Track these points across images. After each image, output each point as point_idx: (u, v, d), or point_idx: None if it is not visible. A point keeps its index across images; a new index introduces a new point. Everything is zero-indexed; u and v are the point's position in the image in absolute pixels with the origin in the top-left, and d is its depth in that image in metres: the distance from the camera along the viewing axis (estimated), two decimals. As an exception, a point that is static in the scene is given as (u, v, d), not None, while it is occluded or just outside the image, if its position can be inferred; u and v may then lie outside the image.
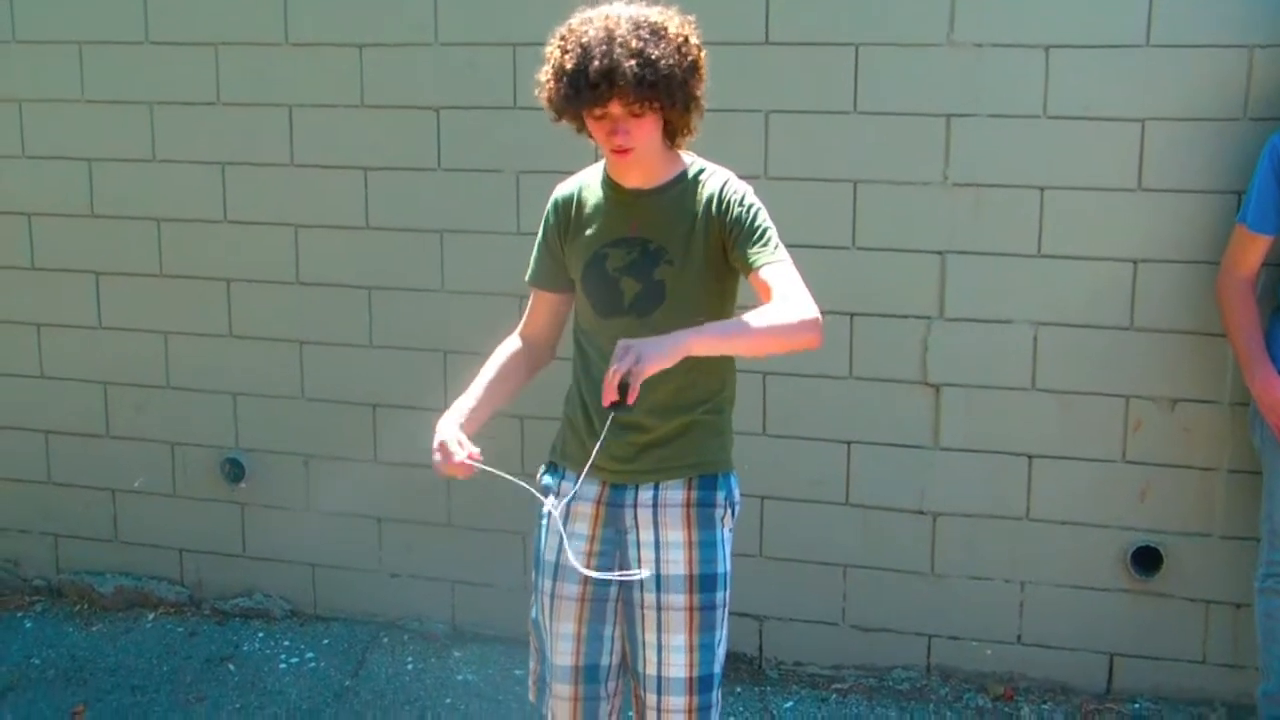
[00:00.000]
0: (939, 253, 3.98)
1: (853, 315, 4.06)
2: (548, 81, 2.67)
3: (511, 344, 3.01)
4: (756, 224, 2.73)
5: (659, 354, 2.45)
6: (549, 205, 2.93)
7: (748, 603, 4.28)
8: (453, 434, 2.75)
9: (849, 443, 4.15)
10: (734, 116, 4.05)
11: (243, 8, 4.42)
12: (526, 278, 2.99)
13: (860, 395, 4.11)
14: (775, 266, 2.69)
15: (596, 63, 2.55)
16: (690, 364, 2.64)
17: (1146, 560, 3.98)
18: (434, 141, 4.32)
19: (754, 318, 2.59)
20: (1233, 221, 3.66)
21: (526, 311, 3.02)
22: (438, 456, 2.73)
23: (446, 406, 4.37)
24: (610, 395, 2.43)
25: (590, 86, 2.57)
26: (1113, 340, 3.91)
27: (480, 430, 2.82)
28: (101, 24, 4.56)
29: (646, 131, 2.66)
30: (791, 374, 4.12)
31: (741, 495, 2.93)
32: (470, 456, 2.70)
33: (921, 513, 4.12)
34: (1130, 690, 4.07)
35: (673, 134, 2.78)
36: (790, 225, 3.99)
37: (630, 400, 2.44)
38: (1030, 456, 4.02)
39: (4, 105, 4.72)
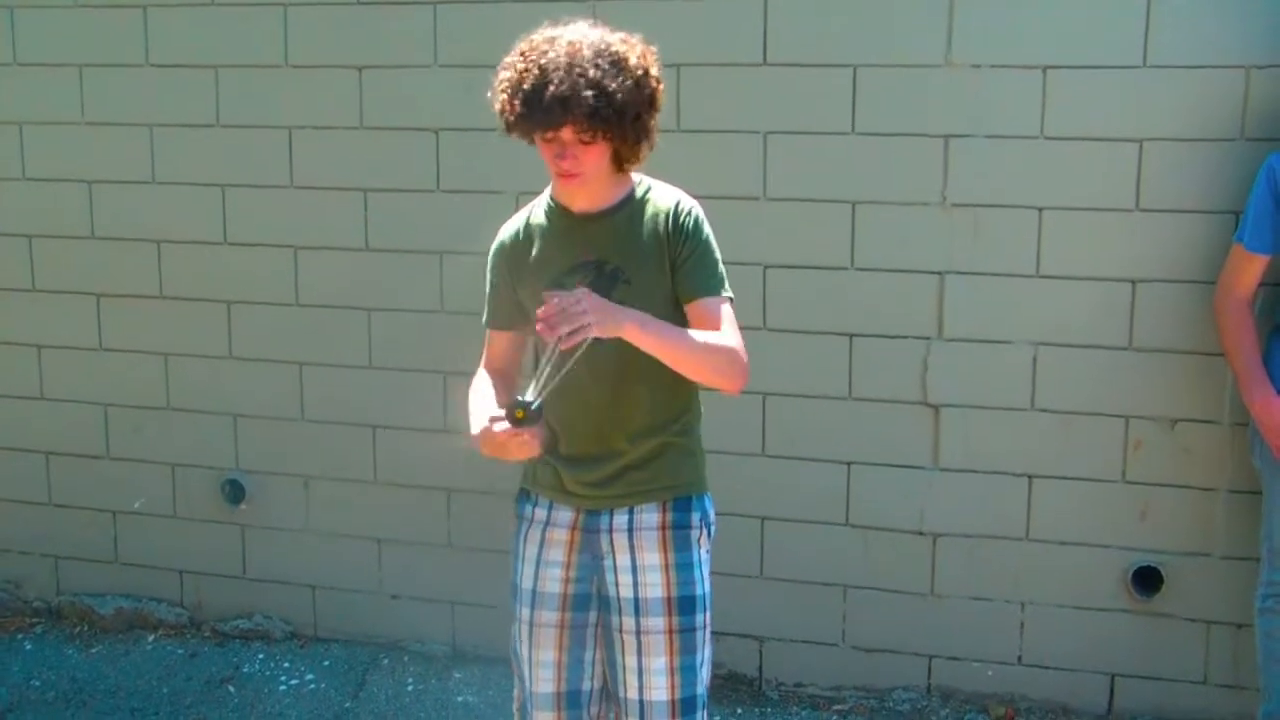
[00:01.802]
0: (938, 273, 3.98)
1: (852, 336, 4.07)
2: (503, 95, 2.65)
3: (482, 379, 2.98)
4: (704, 253, 2.76)
5: (603, 323, 2.51)
6: (493, 251, 2.95)
7: (748, 623, 4.29)
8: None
9: (849, 463, 4.15)
10: (732, 138, 4.06)
11: (242, 30, 4.43)
12: (483, 321, 3.01)
13: (860, 416, 4.11)
14: (716, 301, 2.75)
15: (553, 87, 2.55)
16: (656, 383, 2.73)
17: (1147, 580, 3.98)
18: (433, 163, 4.33)
19: (697, 338, 2.67)
20: (1230, 241, 3.67)
21: (485, 349, 3.03)
22: (484, 432, 2.65)
23: (446, 428, 4.42)
24: (550, 316, 2.50)
25: (544, 110, 2.56)
26: (1112, 360, 3.91)
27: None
28: (102, 47, 4.57)
29: (594, 159, 2.66)
30: (791, 395, 4.13)
31: (718, 515, 2.94)
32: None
33: (921, 533, 4.12)
34: (1131, 711, 4.07)
35: (620, 162, 2.76)
36: (788, 246, 4.06)
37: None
38: (1030, 476, 4.02)
39: (5, 127, 4.73)
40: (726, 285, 2.79)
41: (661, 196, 2.80)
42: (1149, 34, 3.74)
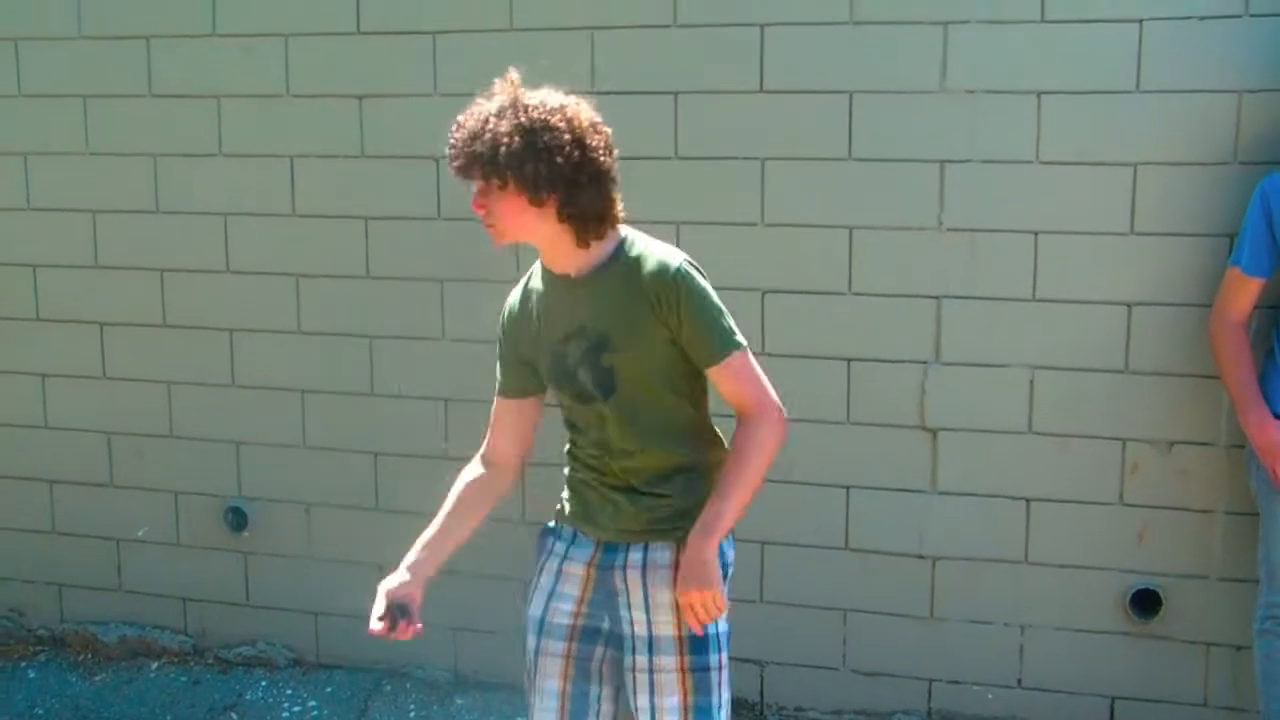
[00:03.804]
0: (935, 297, 4.01)
1: (850, 360, 4.09)
2: None
3: (471, 473, 3.00)
4: (699, 316, 2.70)
5: (711, 581, 2.65)
6: (500, 320, 2.94)
7: (749, 648, 4.29)
8: (394, 597, 2.88)
9: (848, 487, 4.16)
10: (731, 164, 4.09)
11: (245, 60, 4.47)
12: (496, 391, 2.97)
13: (858, 440, 4.12)
14: (726, 365, 2.72)
15: (452, 135, 2.67)
16: (667, 424, 2.77)
17: (1146, 603, 3.99)
18: (434, 191, 4.36)
19: (744, 470, 2.72)
20: (1224, 264, 3.69)
21: (490, 428, 2.98)
22: (377, 625, 2.82)
23: (447, 455, 4.44)
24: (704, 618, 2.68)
25: (449, 156, 2.69)
26: (1109, 383, 3.93)
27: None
28: (105, 78, 4.61)
29: (507, 213, 2.66)
30: (789, 419, 4.12)
31: (735, 554, 2.90)
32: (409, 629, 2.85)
33: (921, 556, 4.13)
34: (1132, 733, 4.08)
35: (574, 231, 2.70)
36: (787, 271, 4.08)
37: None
38: (1028, 500, 4.03)
39: (10, 158, 4.77)
40: (734, 338, 2.73)
41: (647, 259, 2.72)
42: (1141, 59, 3.77)
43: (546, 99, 2.66)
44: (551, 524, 2.98)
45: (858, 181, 4.02)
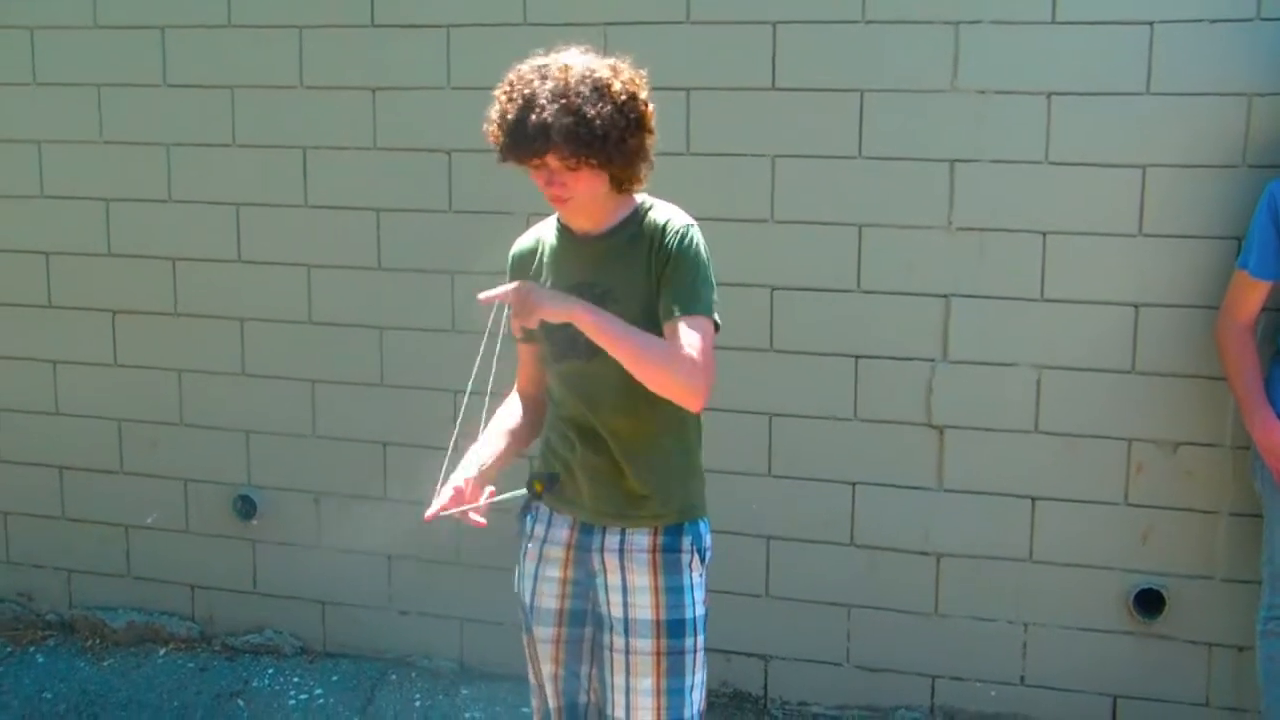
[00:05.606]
0: (943, 296, 4.02)
1: (857, 358, 4.10)
2: (492, 127, 2.71)
3: (511, 403, 3.09)
4: (681, 272, 2.72)
5: (550, 305, 2.66)
6: (509, 262, 3.00)
7: (753, 642, 4.32)
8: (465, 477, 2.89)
9: (854, 484, 4.18)
10: (741, 161, 4.10)
11: (258, 52, 4.49)
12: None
13: (865, 437, 4.14)
14: (685, 322, 2.68)
15: (534, 116, 2.59)
16: (641, 405, 2.75)
17: (1149, 602, 4.00)
18: (445, 183, 4.38)
19: (649, 343, 2.67)
20: (1232, 266, 3.70)
21: (519, 368, 3.08)
22: (442, 507, 2.88)
23: (455, 446, 4.45)
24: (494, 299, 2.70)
25: (527, 139, 2.61)
26: (1115, 383, 3.94)
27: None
28: (119, 67, 4.64)
29: (584, 183, 2.68)
30: (797, 415, 4.16)
31: (725, 534, 2.93)
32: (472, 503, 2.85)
33: (925, 553, 4.15)
34: (1133, 732, 4.10)
35: (619, 184, 2.77)
36: (795, 268, 4.10)
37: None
38: (1033, 498, 4.05)
39: (23, 146, 4.79)
40: (705, 305, 2.72)
41: (659, 214, 2.80)
42: (1152, 61, 3.78)
43: (598, 65, 2.69)
44: (529, 504, 3.00)
45: (868, 180, 4.03)
